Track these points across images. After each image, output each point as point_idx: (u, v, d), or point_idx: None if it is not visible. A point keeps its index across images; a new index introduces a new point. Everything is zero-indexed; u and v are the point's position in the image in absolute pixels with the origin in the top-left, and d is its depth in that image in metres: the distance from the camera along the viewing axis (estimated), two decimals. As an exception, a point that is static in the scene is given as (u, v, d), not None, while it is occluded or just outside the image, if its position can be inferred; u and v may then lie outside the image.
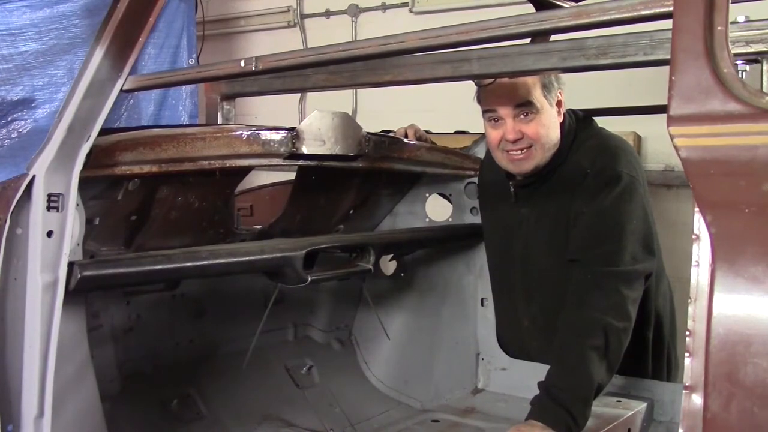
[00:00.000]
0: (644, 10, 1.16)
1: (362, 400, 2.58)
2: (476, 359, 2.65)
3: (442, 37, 1.40)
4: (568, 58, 1.76)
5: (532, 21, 1.30)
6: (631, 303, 2.02)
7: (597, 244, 2.10)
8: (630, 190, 2.14)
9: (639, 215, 2.14)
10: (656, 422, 2.29)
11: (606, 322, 1.96)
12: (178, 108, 4.65)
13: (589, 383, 1.92)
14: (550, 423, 1.85)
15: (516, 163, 2.23)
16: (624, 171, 2.14)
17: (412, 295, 2.73)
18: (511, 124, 2.18)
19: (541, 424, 1.86)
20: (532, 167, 2.23)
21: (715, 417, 1.01)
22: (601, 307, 1.99)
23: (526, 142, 2.19)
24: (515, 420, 2.29)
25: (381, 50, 1.52)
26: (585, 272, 2.08)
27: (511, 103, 2.16)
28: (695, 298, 1.04)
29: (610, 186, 2.12)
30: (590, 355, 1.93)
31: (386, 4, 4.61)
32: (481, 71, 1.98)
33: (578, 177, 2.20)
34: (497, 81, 2.16)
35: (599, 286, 2.03)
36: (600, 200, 2.12)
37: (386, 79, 2.18)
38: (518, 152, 2.20)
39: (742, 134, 1.02)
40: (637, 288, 2.07)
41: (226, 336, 2.37)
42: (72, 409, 1.65)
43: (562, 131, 2.24)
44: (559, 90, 2.22)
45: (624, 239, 2.08)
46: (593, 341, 1.94)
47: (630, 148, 2.35)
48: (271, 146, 1.90)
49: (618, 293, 2.01)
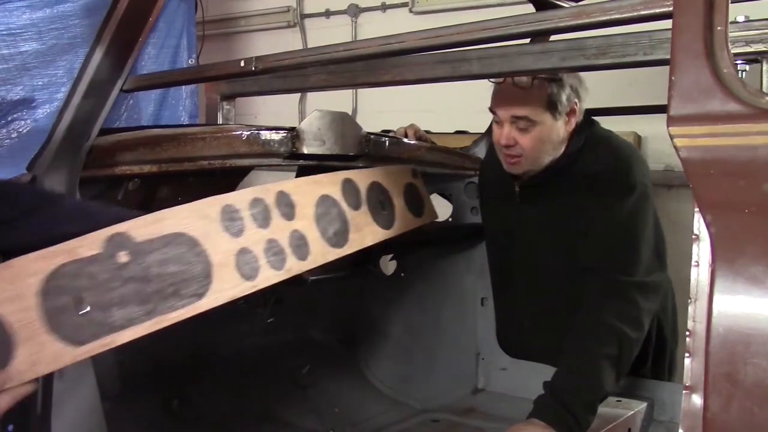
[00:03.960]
0: (644, 10, 1.16)
1: (362, 400, 2.58)
2: (476, 359, 2.65)
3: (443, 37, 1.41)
4: (568, 57, 1.76)
5: (532, 21, 1.30)
6: (645, 314, 2.03)
7: (613, 253, 2.10)
8: (644, 199, 2.15)
9: (651, 224, 2.16)
10: (656, 422, 2.29)
11: (622, 331, 1.96)
12: (178, 108, 4.65)
13: (597, 389, 1.92)
14: (552, 423, 1.85)
15: (508, 165, 2.26)
16: (638, 180, 2.15)
17: (412, 294, 2.73)
18: (507, 130, 2.18)
19: (543, 423, 1.85)
20: (521, 172, 2.26)
21: (715, 417, 1.01)
22: (617, 316, 1.99)
23: (518, 150, 2.20)
24: (516, 420, 2.28)
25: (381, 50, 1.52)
26: (601, 280, 2.07)
27: (509, 112, 2.17)
28: (695, 298, 1.05)
29: (626, 195, 2.12)
30: (603, 362, 1.93)
31: (386, 4, 4.61)
32: (481, 71, 1.98)
33: (590, 182, 2.19)
34: (505, 83, 2.16)
35: (616, 295, 2.03)
36: (616, 209, 2.12)
37: (386, 79, 2.18)
38: (510, 157, 2.23)
39: (742, 134, 1.02)
40: (653, 300, 2.08)
41: (227, 336, 2.37)
42: (72, 409, 1.65)
43: (572, 135, 2.23)
44: (575, 102, 2.19)
45: (639, 249, 2.08)
46: (607, 349, 1.95)
47: (641, 156, 2.36)
48: (271, 146, 1.90)
49: (635, 303, 2.01)
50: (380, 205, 2.00)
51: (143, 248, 1.39)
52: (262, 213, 1.63)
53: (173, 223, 1.44)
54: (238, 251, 1.54)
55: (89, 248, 1.32)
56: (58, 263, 1.28)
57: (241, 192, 1.64)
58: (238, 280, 1.52)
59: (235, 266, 1.52)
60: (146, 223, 1.41)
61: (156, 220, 1.43)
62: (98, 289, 1.32)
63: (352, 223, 1.87)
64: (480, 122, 2.77)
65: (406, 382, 2.63)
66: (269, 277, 1.59)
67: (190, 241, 1.46)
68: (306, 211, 1.75)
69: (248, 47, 5.19)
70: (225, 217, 1.54)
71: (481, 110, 2.35)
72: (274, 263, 1.60)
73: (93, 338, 1.30)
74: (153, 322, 1.39)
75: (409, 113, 3.20)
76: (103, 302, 1.32)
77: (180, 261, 1.43)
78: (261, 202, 1.64)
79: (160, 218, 1.44)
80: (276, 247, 1.63)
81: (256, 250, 1.58)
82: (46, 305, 1.25)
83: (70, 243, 1.30)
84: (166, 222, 1.44)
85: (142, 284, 1.38)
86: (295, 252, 1.67)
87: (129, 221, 1.39)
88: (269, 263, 1.59)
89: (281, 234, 1.65)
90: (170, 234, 1.43)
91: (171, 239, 1.43)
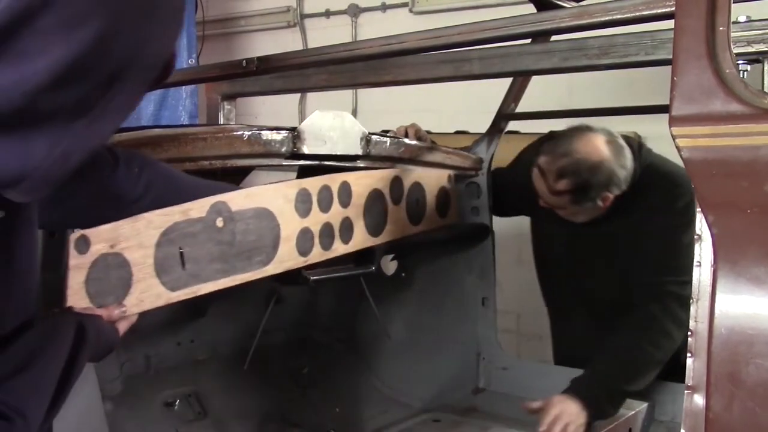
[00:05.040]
0: (646, 11, 1.16)
1: (363, 400, 2.58)
2: (477, 359, 2.65)
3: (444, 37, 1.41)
4: (570, 57, 1.76)
5: (534, 21, 1.31)
6: (684, 326, 2.11)
7: (669, 272, 2.15)
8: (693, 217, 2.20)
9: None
10: (657, 422, 2.29)
11: (674, 344, 2.09)
12: (178, 108, 4.65)
13: (635, 385, 2.06)
14: (584, 400, 1.96)
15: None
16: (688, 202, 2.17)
17: (412, 294, 2.72)
18: (547, 197, 2.25)
19: (576, 398, 1.96)
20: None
21: (717, 417, 1.01)
22: (673, 329, 2.10)
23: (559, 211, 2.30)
24: (516, 420, 2.29)
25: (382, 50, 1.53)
26: (654, 291, 2.16)
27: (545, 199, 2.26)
28: (697, 298, 1.05)
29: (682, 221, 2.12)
30: (651, 366, 2.08)
31: (386, 4, 4.60)
32: (482, 71, 1.99)
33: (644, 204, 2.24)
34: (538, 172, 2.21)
35: (666, 303, 2.13)
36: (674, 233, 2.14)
37: (387, 79, 2.18)
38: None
39: (744, 135, 1.02)
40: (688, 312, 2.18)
41: (227, 336, 2.37)
42: (73, 409, 1.65)
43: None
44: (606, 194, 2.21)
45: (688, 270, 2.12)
46: (659, 356, 2.09)
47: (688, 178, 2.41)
48: (272, 146, 1.90)
49: (682, 320, 2.07)
50: (415, 203, 2.26)
51: (235, 216, 1.64)
52: (326, 198, 1.91)
53: (261, 199, 1.72)
54: (302, 229, 1.82)
55: (197, 211, 1.57)
56: (174, 221, 1.52)
57: (314, 178, 1.91)
58: (295, 254, 1.80)
59: (296, 242, 1.80)
60: (241, 196, 1.68)
61: (249, 195, 1.70)
62: (196, 246, 1.57)
63: (390, 216, 2.15)
64: (480, 122, 2.77)
65: (406, 382, 2.63)
66: (318, 255, 1.87)
67: (270, 215, 1.74)
68: (359, 201, 2.02)
69: (248, 47, 5.18)
70: (299, 198, 1.82)
71: (482, 111, 2.36)
72: (324, 244, 1.89)
73: (184, 286, 1.55)
74: (228, 280, 1.65)
75: (409, 113, 3.19)
76: (197, 257, 1.57)
77: (258, 231, 1.70)
78: (328, 189, 1.92)
79: (252, 193, 1.71)
80: (329, 230, 1.91)
81: (314, 230, 1.86)
82: (157, 254, 1.49)
83: (184, 205, 1.54)
84: (255, 197, 1.71)
85: (227, 247, 1.63)
86: (341, 236, 1.95)
87: (229, 192, 1.64)
88: (320, 243, 1.88)
89: (336, 219, 1.93)
90: (258, 208, 1.71)
91: (257, 212, 1.70)
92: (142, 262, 1.48)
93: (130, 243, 1.44)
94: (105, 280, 1.41)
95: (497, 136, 2.62)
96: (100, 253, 1.40)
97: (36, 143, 0.84)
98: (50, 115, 0.84)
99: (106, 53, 0.84)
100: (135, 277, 1.46)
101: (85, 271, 1.38)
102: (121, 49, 0.86)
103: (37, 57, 0.80)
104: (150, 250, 1.49)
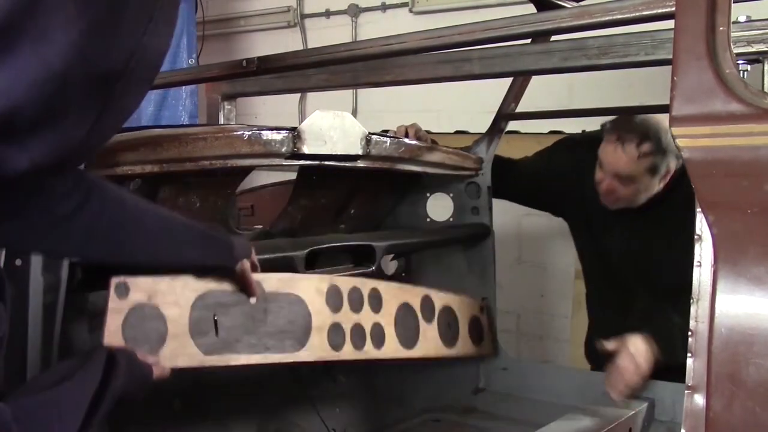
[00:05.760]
0: (646, 11, 1.16)
1: (363, 400, 2.58)
2: (477, 359, 2.65)
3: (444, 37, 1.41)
4: (570, 57, 1.76)
5: (534, 21, 1.31)
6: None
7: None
8: None
9: None
10: (657, 422, 2.29)
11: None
12: (178, 108, 4.65)
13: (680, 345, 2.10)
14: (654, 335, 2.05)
15: (604, 199, 2.41)
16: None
17: (412, 295, 2.72)
18: (609, 181, 2.34)
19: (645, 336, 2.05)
20: (615, 208, 2.41)
21: (718, 417, 1.01)
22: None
23: (615, 195, 2.36)
24: (517, 420, 2.29)
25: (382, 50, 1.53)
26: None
27: (614, 168, 2.31)
28: (698, 299, 1.05)
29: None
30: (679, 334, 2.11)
31: (386, 4, 4.60)
32: (482, 71, 1.99)
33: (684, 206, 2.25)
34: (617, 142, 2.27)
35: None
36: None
37: (387, 79, 2.18)
38: (608, 194, 2.38)
39: (745, 135, 1.02)
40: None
41: (227, 336, 2.37)
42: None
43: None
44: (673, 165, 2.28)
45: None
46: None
47: None
48: (272, 146, 1.90)
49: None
50: (448, 326, 2.36)
51: (269, 297, 1.75)
52: (357, 300, 2.03)
53: (293, 285, 1.86)
54: (333, 323, 1.94)
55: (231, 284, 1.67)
56: (209, 288, 1.62)
57: (345, 279, 2.04)
58: (327, 346, 1.92)
59: (327, 333, 1.91)
60: (277, 279, 1.82)
61: (284, 280, 1.85)
62: (229, 317, 1.66)
63: (423, 332, 2.23)
64: (480, 122, 2.77)
65: (407, 382, 2.63)
66: (349, 353, 1.98)
67: (302, 303, 1.86)
68: (390, 310, 2.13)
69: (248, 47, 5.18)
70: (330, 293, 1.95)
71: (482, 111, 2.36)
72: (356, 343, 2.00)
73: (218, 353, 1.65)
74: (261, 357, 1.74)
75: (409, 113, 3.19)
76: (230, 327, 1.66)
77: (290, 315, 1.82)
78: (358, 291, 2.04)
79: (287, 279, 1.86)
80: (360, 331, 2.02)
81: (345, 328, 1.97)
82: (193, 316, 1.58)
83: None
84: (288, 282, 1.85)
85: (258, 324, 1.73)
86: (373, 340, 2.05)
87: (264, 274, 1.73)
88: (352, 341, 1.99)
89: (367, 322, 2.04)
90: (291, 293, 1.84)
91: (290, 298, 1.83)
92: (178, 319, 1.55)
93: (167, 299, 1.53)
94: (141, 328, 1.49)
95: (497, 136, 2.62)
96: (138, 302, 1.48)
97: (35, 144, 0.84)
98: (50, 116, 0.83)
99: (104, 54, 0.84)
100: (170, 332, 1.54)
101: (123, 315, 1.46)
102: (121, 49, 0.86)
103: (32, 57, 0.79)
104: (186, 311, 1.57)
